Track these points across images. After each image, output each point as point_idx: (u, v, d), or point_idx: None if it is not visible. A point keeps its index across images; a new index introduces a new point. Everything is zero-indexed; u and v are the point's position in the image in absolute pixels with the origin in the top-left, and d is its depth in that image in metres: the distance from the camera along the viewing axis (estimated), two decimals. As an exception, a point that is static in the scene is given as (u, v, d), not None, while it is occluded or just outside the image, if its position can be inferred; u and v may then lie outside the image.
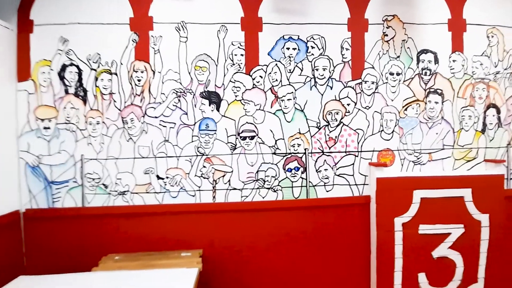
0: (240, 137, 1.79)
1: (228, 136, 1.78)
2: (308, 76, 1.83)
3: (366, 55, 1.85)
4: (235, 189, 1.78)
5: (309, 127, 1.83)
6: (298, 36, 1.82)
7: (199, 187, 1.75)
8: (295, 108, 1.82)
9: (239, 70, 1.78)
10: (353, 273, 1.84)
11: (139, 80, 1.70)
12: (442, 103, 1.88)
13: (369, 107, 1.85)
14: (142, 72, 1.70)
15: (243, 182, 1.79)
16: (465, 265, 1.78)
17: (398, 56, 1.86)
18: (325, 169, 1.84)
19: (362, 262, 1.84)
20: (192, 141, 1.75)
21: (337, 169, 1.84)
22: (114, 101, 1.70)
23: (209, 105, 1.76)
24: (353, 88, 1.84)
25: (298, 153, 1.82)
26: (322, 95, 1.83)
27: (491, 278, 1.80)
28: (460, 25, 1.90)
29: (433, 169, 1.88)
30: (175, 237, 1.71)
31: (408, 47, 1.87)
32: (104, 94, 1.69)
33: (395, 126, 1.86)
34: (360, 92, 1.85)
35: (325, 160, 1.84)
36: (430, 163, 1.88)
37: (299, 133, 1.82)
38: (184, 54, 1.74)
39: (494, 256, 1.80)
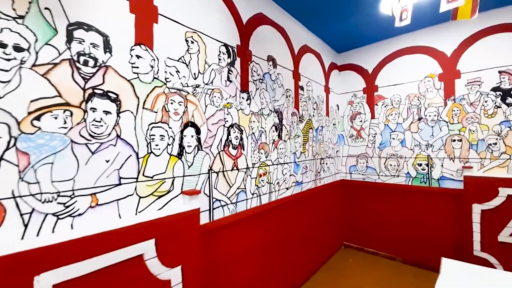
0: None
1: None
2: None
3: None
4: None
5: None
6: None
7: None
8: None
9: None
10: None
11: None
12: (118, 114, 1.24)
13: None
14: None
15: None
16: None
17: (22, 17, 0.98)
18: None
19: None
20: None
21: None
22: None
23: None
24: None
25: None
26: None
27: None
28: (150, 10, 1.40)
29: (99, 221, 1.16)
30: None
31: (47, 8, 1.04)
32: None
33: (8, 149, 0.93)
34: None
35: None
36: (95, 210, 1.15)
37: None
38: None
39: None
